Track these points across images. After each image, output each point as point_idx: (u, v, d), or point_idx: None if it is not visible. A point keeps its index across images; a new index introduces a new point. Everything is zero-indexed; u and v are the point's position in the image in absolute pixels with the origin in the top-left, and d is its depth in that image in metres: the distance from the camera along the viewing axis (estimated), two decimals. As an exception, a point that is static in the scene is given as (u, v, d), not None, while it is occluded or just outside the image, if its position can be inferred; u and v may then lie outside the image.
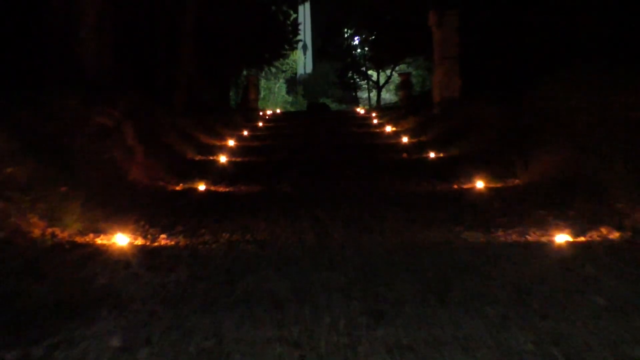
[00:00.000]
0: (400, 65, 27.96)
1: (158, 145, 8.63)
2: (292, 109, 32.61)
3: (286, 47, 25.41)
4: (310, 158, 9.81)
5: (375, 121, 16.04)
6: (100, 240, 4.55)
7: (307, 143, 11.87)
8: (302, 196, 6.54)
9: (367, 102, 31.95)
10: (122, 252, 4.28)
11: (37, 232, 4.39)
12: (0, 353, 2.65)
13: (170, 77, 12.49)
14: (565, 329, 2.85)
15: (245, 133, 13.22)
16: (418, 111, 14.35)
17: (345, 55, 31.89)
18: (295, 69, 38.12)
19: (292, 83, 37.57)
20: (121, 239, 4.52)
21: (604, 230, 4.53)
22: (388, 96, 33.01)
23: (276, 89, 34.38)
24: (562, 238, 4.39)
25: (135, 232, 4.81)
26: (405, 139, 11.13)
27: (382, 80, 29.89)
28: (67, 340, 2.78)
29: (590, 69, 7.50)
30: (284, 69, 34.17)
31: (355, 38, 32.17)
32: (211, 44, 16.00)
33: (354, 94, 33.15)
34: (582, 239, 4.41)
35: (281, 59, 28.44)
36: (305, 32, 41.37)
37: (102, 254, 4.19)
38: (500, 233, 4.66)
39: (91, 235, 4.66)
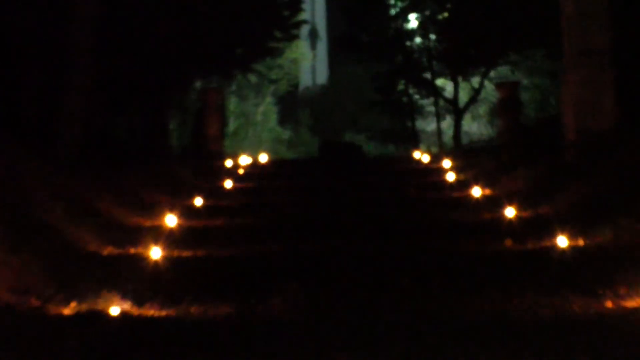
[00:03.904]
0: (499, 69, 28.29)
1: (29, 227, 8.73)
2: (289, 155, 32.78)
3: (277, 34, 25.82)
4: (324, 253, 9.82)
5: (450, 177, 16.09)
6: None
7: (318, 222, 11.92)
8: (310, 329, 6.58)
9: (434, 139, 32.16)
10: None
11: None
12: None
13: (54, 99, 12.70)
14: None
15: (199, 202, 13.30)
16: (534, 157, 14.39)
17: (391, 50, 32.25)
18: (296, 76, 38.52)
19: (290, 104, 37.96)
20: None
21: None
22: (476, 127, 33.21)
23: (259, 116, 34.68)
24: None
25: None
26: (509, 212, 11.16)
27: (463, 98, 30.14)
28: None
29: None
30: (274, 78, 34.54)
31: (411, 17, 32.68)
32: (132, 32, 16.34)
33: (409, 124, 33.31)
34: None
35: (268, 58, 28.87)
36: (315, 8, 42.19)
37: None
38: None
39: None
